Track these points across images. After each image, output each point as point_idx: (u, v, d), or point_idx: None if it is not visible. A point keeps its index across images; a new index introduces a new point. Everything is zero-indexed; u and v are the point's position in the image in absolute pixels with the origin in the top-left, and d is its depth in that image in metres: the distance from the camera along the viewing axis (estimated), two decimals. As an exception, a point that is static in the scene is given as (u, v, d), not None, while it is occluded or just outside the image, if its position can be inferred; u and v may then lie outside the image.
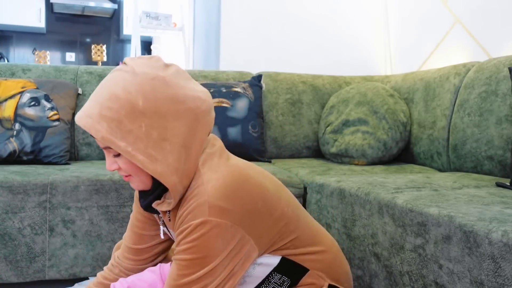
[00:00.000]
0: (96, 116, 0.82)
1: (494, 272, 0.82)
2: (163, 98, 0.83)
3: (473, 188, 1.27)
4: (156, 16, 3.79)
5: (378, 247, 1.16)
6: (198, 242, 0.82)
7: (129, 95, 0.82)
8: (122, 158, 0.86)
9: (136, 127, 0.82)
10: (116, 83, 0.83)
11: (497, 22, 1.95)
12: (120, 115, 0.81)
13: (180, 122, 0.85)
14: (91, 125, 0.82)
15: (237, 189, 0.85)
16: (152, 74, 0.84)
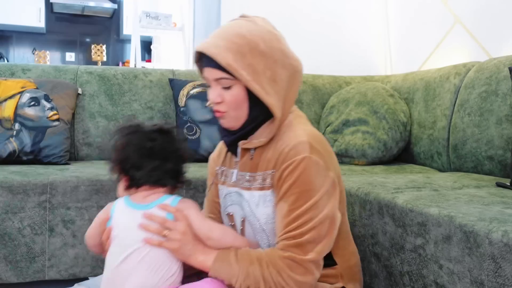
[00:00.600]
0: (223, 47, 0.94)
1: (494, 272, 0.82)
2: (276, 48, 0.96)
3: (473, 188, 1.27)
4: (156, 16, 3.79)
5: (378, 247, 1.16)
6: (303, 176, 0.91)
7: (253, 36, 0.95)
8: (232, 90, 0.97)
9: (256, 62, 0.94)
10: (240, 27, 0.97)
11: (497, 22, 1.95)
12: (245, 49, 0.94)
13: (285, 72, 0.98)
14: (218, 52, 0.93)
15: (327, 145, 0.99)
16: (269, 28, 0.99)
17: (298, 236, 0.90)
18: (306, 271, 0.90)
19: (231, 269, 0.92)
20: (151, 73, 2.08)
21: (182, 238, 0.93)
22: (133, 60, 3.98)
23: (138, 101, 1.99)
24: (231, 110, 0.98)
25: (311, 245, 0.91)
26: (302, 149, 0.93)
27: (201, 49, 0.97)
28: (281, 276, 0.90)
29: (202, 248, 0.95)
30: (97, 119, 1.94)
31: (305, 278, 0.90)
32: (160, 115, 2.00)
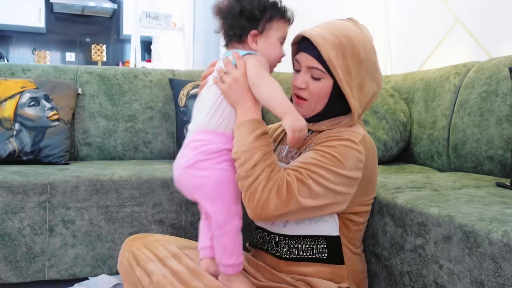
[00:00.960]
0: (329, 41, 0.98)
1: (495, 272, 0.82)
2: (371, 60, 1.03)
3: (473, 188, 1.27)
4: (156, 16, 3.79)
5: (378, 247, 1.16)
6: (343, 148, 0.95)
7: (358, 43, 1.00)
8: (320, 83, 1.01)
9: (352, 66, 0.99)
10: (350, 29, 1.02)
11: (497, 22, 1.95)
12: (347, 52, 0.99)
13: (372, 85, 1.04)
14: (324, 45, 0.97)
15: (375, 158, 1.05)
16: (370, 40, 1.04)
17: (306, 175, 0.92)
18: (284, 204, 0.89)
19: (244, 139, 0.93)
20: (151, 73, 2.08)
21: (231, 83, 0.97)
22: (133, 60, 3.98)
23: (138, 101, 1.99)
24: (312, 100, 1.03)
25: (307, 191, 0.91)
26: (355, 136, 0.99)
27: (308, 35, 0.99)
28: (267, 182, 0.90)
29: (246, 105, 0.97)
30: (97, 119, 1.94)
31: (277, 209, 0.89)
32: (160, 115, 2.00)
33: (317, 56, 0.99)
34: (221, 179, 0.96)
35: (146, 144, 1.98)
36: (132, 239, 1.13)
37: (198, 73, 2.15)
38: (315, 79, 1.01)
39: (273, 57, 1.03)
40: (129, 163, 1.78)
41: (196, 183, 0.96)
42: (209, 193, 0.96)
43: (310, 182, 0.91)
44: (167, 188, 1.48)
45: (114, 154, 1.95)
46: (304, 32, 1.02)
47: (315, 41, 0.98)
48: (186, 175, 0.97)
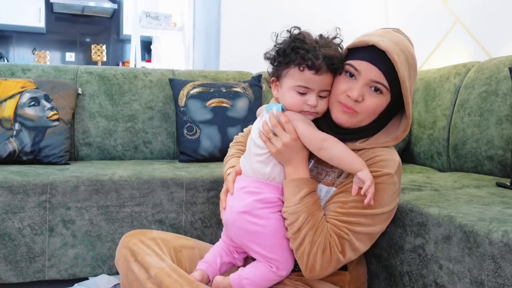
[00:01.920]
0: (403, 60, 0.94)
1: (494, 272, 0.82)
2: (414, 75, 0.99)
3: (473, 188, 1.27)
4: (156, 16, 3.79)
5: (378, 247, 1.16)
6: (379, 187, 0.93)
7: (415, 60, 0.98)
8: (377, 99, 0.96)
9: (413, 86, 0.98)
10: (410, 47, 0.98)
11: (497, 22, 1.95)
12: (412, 72, 0.96)
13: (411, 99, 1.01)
14: (400, 62, 0.93)
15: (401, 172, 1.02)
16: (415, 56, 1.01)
17: (346, 230, 0.93)
18: (329, 264, 0.92)
19: (290, 199, 0.95)
20: (151, 73, 2.08)
21: (281, 148, 0.96)
22: (133, 60, 3.98)
23: (138, 101, 1.99)
24: (363, 114, 0.96)
25: (348, 247, 0.93)
26: (391, 165, 0.96)
27: (382, 47, 0.92)
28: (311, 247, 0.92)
29: (295, 164, 0.98)
30: (97, 119, 1.94)
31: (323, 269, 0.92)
32: (160, 115, 2.00)
33: (386, 71, 0.93)
34: (277, 228, 0.97)
35: (146, 144, 1.98)
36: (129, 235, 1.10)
37: (198, 73, 2.15)
38: (375, 93, 0.95)
39: (291, 106, 0.98)
40: (129, 163, 1.78)
41: (253, 230, 0.97)
42: (267, 242, 0.97)
43: (351, 237, 0.93)
44: (167, 188, 1.48)
45: (114, 154, 1.95)
46: (376, 42, 0.93)
47: (392, 58, 0.91)
48: (241, 220, 0.97)
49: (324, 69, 0.94)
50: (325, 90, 0.97)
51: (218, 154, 1.85)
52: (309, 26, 1.06)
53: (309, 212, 0.93)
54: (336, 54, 0.96)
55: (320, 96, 0.97)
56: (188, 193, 1.50)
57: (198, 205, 1.50)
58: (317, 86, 0.95)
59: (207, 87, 1.96)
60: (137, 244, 1.05)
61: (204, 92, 1.93)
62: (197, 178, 1.51)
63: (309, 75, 0.94)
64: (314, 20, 2.72)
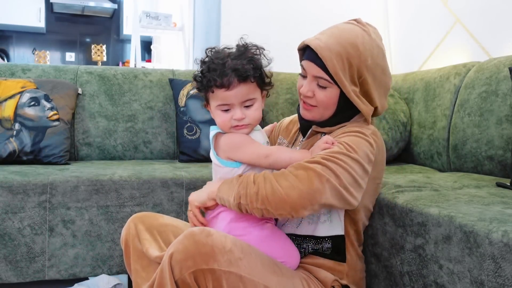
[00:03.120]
0: (335, 53, 0.98)
1: (494, 272, 0.82)
2: (379, 65, 1.01)
3: (473, 188, 1.27)
4: (156, 16, 3.79)
5: (378, 247, 1.16)
6: (354, 138, 0.97)
7: (365, 50, 0.99)
8: (326, 92, 1.01)
9: (358, 76, 1.00)
10: (356, 36, 1.00)
11: (497, 22, 1.95)
12: (354, 61, 0.98)
13: (380, 91, 1.04)
14: (329, 58, 0.97)
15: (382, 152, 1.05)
16: (378, 42, 1.03)
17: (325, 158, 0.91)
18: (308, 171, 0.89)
19: (230, 187, 0.95)
20: (151, 73, 2.08)
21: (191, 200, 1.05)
22: (133, 60, 3.99)
23: (138, 101, 1.99)
24: (321, 107, 1.04)
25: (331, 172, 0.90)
26: (365, 129, 1.00)
27: (313, 45, 0.99)
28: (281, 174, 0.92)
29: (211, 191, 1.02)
30: (97, 119, 1.94)
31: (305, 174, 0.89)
32: (160, 115, 2.00)
33: (323, 66, 0.99)
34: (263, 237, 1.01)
35: (146, 144, 1.98)
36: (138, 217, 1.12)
37: (198, 73, 2.15)
38: (322, 87, 1.02)
39: (222, 126, 1.01)
40: (129, 163, 1.78)
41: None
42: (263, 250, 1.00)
43: (331, 163, 0.91)
44: (167, 188, 1.48)
45: (114, 154, 1.95)
46: (309, 41, 1.01)
47: (320, 54, 0.98)
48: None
49: (235, 82, 0.96)
50: (247, 100, 0.99)
51: (218, 154, 1.85)
52: (309, 26, 1.08)
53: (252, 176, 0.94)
54: (244, 64, 0.96)
55: (246, 106, 0.99)
56: (188, 193, 1.50)
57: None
58: (236, 100, 0.98)
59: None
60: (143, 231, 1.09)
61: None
62: (197, 178, 1.52)
63: (223, 93, 0.97)
64: (314, 20, 2.72)
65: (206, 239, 0.86)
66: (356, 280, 1.09)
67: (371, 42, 1.01)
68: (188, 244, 0.86)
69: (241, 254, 0.89)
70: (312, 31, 1.13)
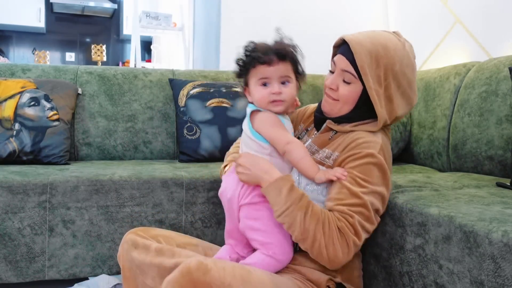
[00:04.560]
0: (367, 49, 1.01)
1: (494, 272, 0.82)
2: (407, 75, 1.04)
3: (473, 188, 1.27)
4: (156, 16, 3.79)
5: (378, 247, 1.16)
6: (365, 166, 0.99)
7: (395, 55, 1.02)
8: (350, 87, 1.05)
9: (383, 78, 1.02)
10: (391, 41, 1.04)
11: (497, 22, 1.95)
12: (382, 62, 1.01)
13: (403, 101, 1.06)
14: (360, 51, 1.01)
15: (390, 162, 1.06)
16: (411, 57, 1.06)
17: (349, 214, 0.96)
18: (348, 249, 0.95)
19: (277, 201, 0.98)
20: (151, 73, 2.08)
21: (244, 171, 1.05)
22: (133, 60, 3.99)
23: (138, 101, 1.99)
24: (340, 101, 1.07)
25: (359, 227, 0.96)
26: (373, 146, 1.01)
27: (347, 39, 1.04)
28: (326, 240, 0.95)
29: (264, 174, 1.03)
30: (97, 119, 1.94)
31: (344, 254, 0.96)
32: (160, 115, 2.00)
33: (352, 60, 1.03)
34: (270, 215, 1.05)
35: (146, 144, 1.98)
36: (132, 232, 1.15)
37: (198, 73, 2.15)
38: (346, 82, 1.05)
39: (260, 101, 1.08)
40: (129, 163, 1.78)
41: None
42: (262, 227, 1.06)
43: (356, 217, 0.96)
44: (167, 188, 1.48)
45: (114, 154, 1.95)
46: (345, 36, 1.05)
47: (352, 46, 1.02)
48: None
49: (275, 60, 1.05)
50: (284, 76, 1.07)
51: (218, 154, 1.85)
52: (309, 26, 1.09)
53: (304, 208, 0.96)
54: (283, 46, 1.07)
55: (282, 83, 1.08)
56: (188, 193, 1.50)
57: (198, 205, 1.50)
58: (275, 75, 1.06)
59: (207, 87, 1.96)
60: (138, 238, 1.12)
61: (204, 92, 1.93)
62: (197, 178, 1.52)
63: (264, 68, 1.06)
64: (314, 20, 2.72)
65: (204, 277, 0.85)
66: (351, 278, 1.08)
67: (403, 52, 1.04)
68: (184, 284, 0.85)
69: (241, 286, 0.89)
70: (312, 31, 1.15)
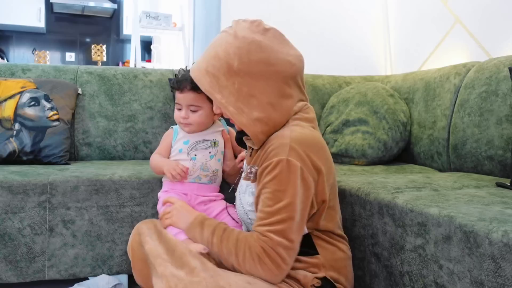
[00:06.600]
0: (203, 71, 1.02)
1: (494, 272, 0.82)
2: (255, 60, 0.99)
3: (473, 188, 1.27)
4: (156, 16, 3.79)
5: (378, 247, 1.16)
6: (279, 177, 0.94)
7: (227, 57, 0.99)
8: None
9: (230, 83, 0.99)
10: (220, 44, 1.02)
11: (497, 22, 1.95)
12: (220, 72, 1.00)
13: (268, 83, 1.00)
14: (199, 77, 1.03)
15: (315, 145, 1.00)
16: (250, 38, 1.00)
17: (267, 236, 0.94)
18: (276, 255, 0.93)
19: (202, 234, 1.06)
20: (151, 73, 2.08)
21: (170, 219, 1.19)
22: (133, 60, 3.98)
23: (138, 101, 1.99)
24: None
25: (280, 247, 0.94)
26: (281, 151, 0.96)
27: (190, 71, 1.08)
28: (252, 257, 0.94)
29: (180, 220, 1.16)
30: (97, 119, 1.94)
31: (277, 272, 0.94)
32: (160, 115, 2.00)
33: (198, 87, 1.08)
34: None
35: (146, 144, 1.98)
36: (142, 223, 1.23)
37: (198, 73, 2.15)
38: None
39: (175, 119, 1.30)
40: (129, 163, 1.78)
41: None
42: None
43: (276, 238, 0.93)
44: (167, 188, 1.48)
45: (114, 154, 1.95)
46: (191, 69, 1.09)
47: (192, 76, 1.06)
48: None
49: (186, 89, 1.23)
50: (192, 105, 1.25)
51: (218, 154, 1.85)
52: (309, 26, 1.08)
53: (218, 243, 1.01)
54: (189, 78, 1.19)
55: (191, 110, 1.26)
56: (188, 193, 1.50)
57: (198, 205, 1.50)
58: (184, 102, 1.25)
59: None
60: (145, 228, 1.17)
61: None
62: (197, 178, 1.51)
63: (178, 94, 1.26)
64: (314, 20, 2.72)
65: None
66: (337, 268, 1.06)
67: (237, 43, 1.00)
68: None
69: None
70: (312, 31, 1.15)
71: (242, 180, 1.13)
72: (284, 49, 1.03)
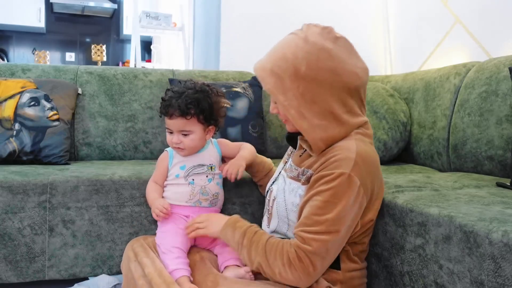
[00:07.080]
0: (268, 70, 1.01)
1: (494, 272, 0.82)
2: (323, 68, 0.97)
3: (473, 188, 1.27)
4: (156, 16, 3.79)
5: (378, 247, 1.16)
6: (336, 189, 0.94)
7: (295, 60, 0.98)
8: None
9: (294, 87, 0.98)
10: (289, 46, 1.00)
11: (497, 22, 1.95)
12: (285, 74, 0.98)
13: (332, 92, 0.99)
14: (263, 77, 1.02)
15: (376, 167, 1.02)
16: (320, 45, 0.99)
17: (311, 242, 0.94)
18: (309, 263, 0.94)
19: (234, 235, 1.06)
20: (151, 73, 2.08)
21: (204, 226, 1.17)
22: (133, 60, 3.98)
23: (138, 101, 1.99)
24: (287, 122, 1.08)
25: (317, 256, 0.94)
26: (345, 164, 0.95)
27: (253, 69, 1.06)
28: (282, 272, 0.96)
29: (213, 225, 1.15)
30: (97, 119, 1.94)
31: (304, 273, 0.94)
32: (160, 115, 1.99)
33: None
34: None
35: (146, 144, 1.98)
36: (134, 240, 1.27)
37: (198, 73, 2.15)
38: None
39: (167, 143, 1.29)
40: (129, 163, 1.78)
41: None
42: None
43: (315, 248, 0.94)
44: (167, 188, 1.48)
45: (114, 154, 1.95)
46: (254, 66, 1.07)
47: (256, 75, 1.04)
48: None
49: (175, 115, 1.20)
50: (183, 130, 1.23)
51: (218, 154, 1.85)
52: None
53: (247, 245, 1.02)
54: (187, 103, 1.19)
55: (184, 134, 1.24)
56: (188, 193, 1.50)
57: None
58: (174, 128, 1.23)
59: None
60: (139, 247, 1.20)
61: (204, 92, 1.93)
62: (197, 178, 1.51)
63: (167, 119, 1.24)
64: (314, 20, 2.71)
65: None
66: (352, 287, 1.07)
67: (306, 48, 0.99)
68: None
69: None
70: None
71: (287, 179, 1.10)
72: (352, 60, 1.01)
